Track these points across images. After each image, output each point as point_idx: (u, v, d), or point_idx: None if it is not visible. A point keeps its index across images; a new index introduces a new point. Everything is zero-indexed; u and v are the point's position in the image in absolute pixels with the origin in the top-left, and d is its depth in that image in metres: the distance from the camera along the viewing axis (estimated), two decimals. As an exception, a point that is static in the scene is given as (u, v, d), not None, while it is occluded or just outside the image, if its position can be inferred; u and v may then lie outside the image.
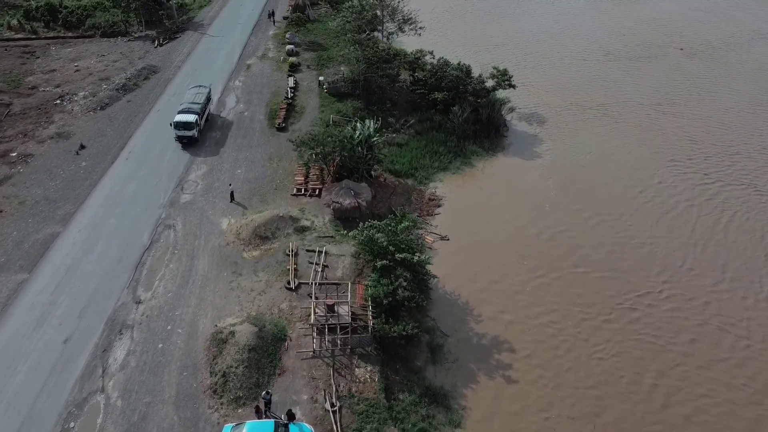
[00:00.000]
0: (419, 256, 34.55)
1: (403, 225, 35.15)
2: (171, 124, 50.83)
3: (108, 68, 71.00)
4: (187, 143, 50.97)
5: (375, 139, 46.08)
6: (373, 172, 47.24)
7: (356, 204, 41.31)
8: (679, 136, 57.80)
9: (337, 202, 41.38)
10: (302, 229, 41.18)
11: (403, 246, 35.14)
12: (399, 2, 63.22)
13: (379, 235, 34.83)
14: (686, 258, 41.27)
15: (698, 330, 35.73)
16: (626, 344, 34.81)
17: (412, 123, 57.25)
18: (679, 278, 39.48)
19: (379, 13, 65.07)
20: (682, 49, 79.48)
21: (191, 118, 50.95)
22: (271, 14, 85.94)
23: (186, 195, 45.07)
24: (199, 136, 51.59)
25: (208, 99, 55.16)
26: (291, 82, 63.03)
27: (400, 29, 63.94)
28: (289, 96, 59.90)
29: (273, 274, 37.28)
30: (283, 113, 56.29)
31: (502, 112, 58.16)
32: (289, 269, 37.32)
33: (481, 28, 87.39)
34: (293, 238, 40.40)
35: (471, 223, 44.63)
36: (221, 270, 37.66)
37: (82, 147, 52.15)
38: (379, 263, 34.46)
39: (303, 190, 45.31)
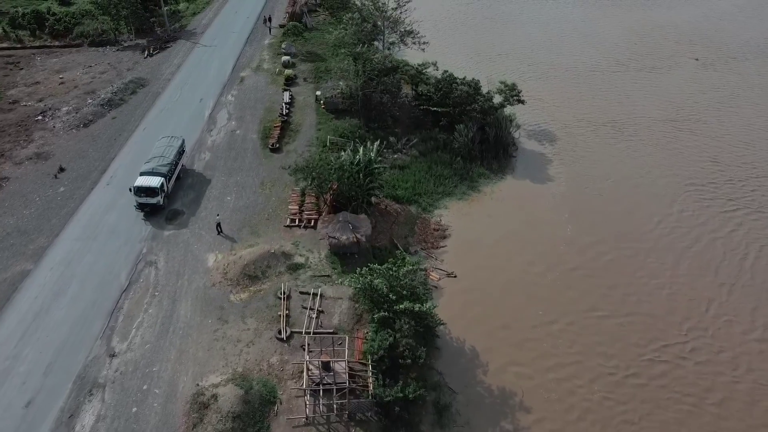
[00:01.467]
0: (422, 306, 30.98)
1: (405, 269, 31.65)
2: (131, 189, 41.68)
3: (94, 80, 67.53)
4: (150, 212, 42.03)
5: (376, 166, 42.58)
6: (373, 199, 43.74)
7: (355, 239, 37.82)
8: (698, 155, 54.30)
9: (334, 237, 37.90)
10: (296, 267, 37.68)
11: (406, 292, 31.65)
12: (401, 13, 59.53)
13: (378, 281, 31.29)
14: (712, 302, 37.63)
15: (731, 388, 32.19)
16: (653, 404, 31.27)
17: (414, 142, 53.75)
18: (706, 326, 35.85)
19: (380, 23, 61.64)
20: (697, 59, 75.92)
21: (156, 182, 41.78)
22: (267, 20, 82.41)
23: (170, 226, 41.57)
24: (166, 202, 42.77)
25: (181, 153, 46.34)
26: (286, 96, 59.51)
27: (403, 42, 60.37)
28: (284, 113, 56.38)
29: (262, 320, 33.79)
30: (277, 132, 52.78)
31: (511, 131, 54.51)
32: (280, 315, 33.84)
33: (483, 36, 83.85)
34: (286, 277, 36.91)
35: (478, 257, 41.15)
36: (205, 316, 34.17)
37: (61, 170, 48.71)
38: (376, 316, 30.96)
39: (297, 220, 41.81)
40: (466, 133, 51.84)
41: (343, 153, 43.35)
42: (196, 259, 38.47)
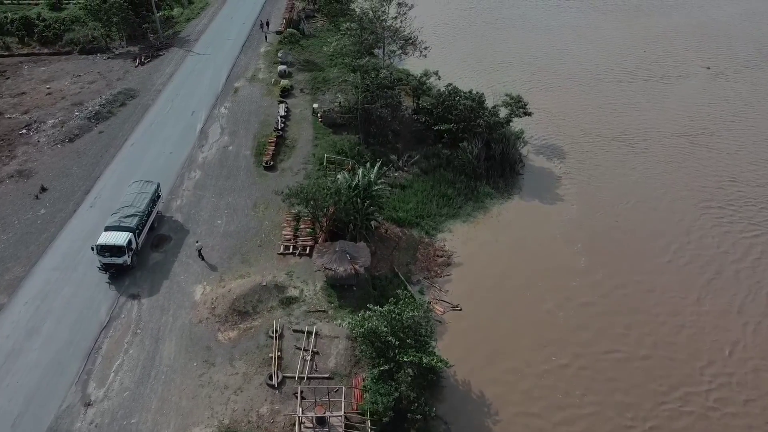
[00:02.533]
0: (431, 360, 28.21)
1: (409, 314, 28.90)
2: (93, 248, 35.74)
3: (83, 91, 64.87)
4: (116, 274, 36.06)
5: (377, 188, 39.90)
6: (373, 223, 41.03)
7: (353, 271, 35.13)
8: (716, 173, 51.61)
9: (331, 269, 35.19)
10: (289, 301, 34.97)
11: (410, 340, 28.89)
12: (401, 22, 56.82)
13: (378, 324, 28.53)
14: (736, 344, 34.75)
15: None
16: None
17: (416, 159, 51.07)
18: (731, 372, 32.98)
19: (379, 28, 58.87)
20: (708, 68, 73.24)
21: (122, 238, 35.71)
22: (264, 24, 79.79)
23: (156, 254, 38.87)
24: (135, 261, 36.90)
25: (155, 200, 40.38)
26: (282, 109, 56.82)
27: (403, 51, 57.69)
28: (280, 127, 53.68)
29: (252, 363, 31.09)
30: (271, 149, 50.07)
31: (518, 147, 51.80)
32: (271, 357, 31.15)
33: (484, 43, 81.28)
34: (278, 312, 34.21)
35: (485, 288, 38.47)
36: (191, 358, 31.46)
37: (43, 189, 46.06)
38: (377, 370, 28.24)
39: (292, 247, 39.09)
40: (470, 149, 49.19)
41: (339, 176, 40.63)
42: (182, 292, 35.76)
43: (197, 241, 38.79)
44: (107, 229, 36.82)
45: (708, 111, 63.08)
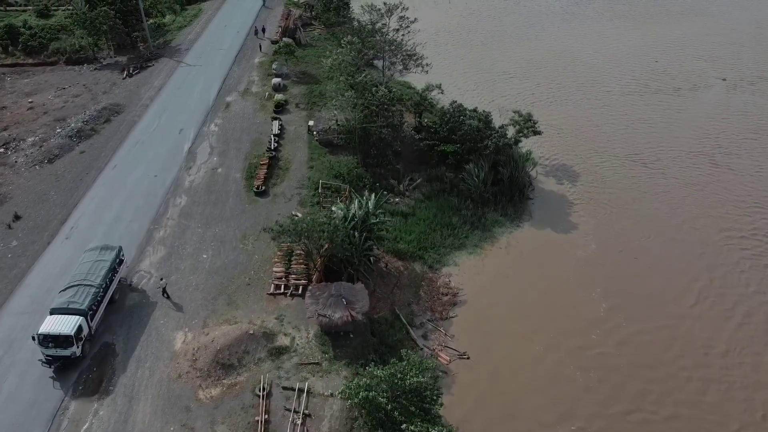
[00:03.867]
0: (437, 431, 24.80)
1: (413, 380, 25.44)
2: (34, 338, 29.40)
3: (66, 105, 61.63)
4: (63, 367, 29.70)
5: (376, 221, 36.58)
6: (372, 257, 37.67)
7: (349, 318, 31.76)
8: (738, 197, 48.27)
9: (325, 316, 31.82)
10: (279, 352, 31.59)
11: (413, 407, 25.51)
12: (403, 35, 53.42)
13: (376, 394, 25.08)
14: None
15: None
16: None
17: (418, 183, 47.73)
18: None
19: (379, 42, 55.47)
20: (724, 79, 69.90)
21: (70, 326, 29.26)
22: (260, 31, 76.79)
23: (134, 294, 35.50)
24: (87, 350, 30.60)
25: (115, 270, 33.78)
26: (276, 127, 53.46)
27: (405, 67, 54.31)
28: (272, 147, 50.33)
29: (236, 428, 27.69)
30: (263, 172, 46.69)
31: (528, 169, 48.41)
32: (257, 421, 27.77)
33: (486, 54, 78.22)
34: (266, 365, 30.83)
35: (494, 333, 35.09)
36: (167, 421, 28.05)
37: (17, 218, 42.78)
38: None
39: (283, 287, 35.69)
40: (477, 173, 45.82)
41: (334, 208, 37.25)
42: (161, 340, 32.37)
43: (161, 279, 35.45)
44: (53, 312, 30.31)
45: (725, 126, 59.75)
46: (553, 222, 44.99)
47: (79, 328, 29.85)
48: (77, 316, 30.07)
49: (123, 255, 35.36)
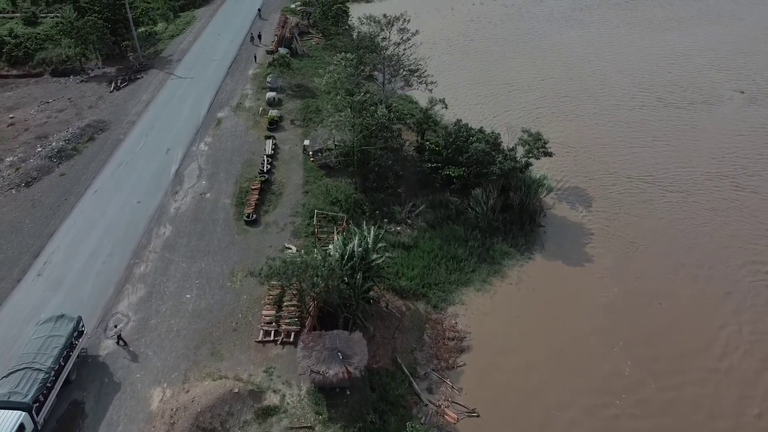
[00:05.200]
0: None
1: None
2: None
3: (49, 121, 58.39)
4: None
5: (378, 259, 33.26)
6: (372, 291, 34.32)
7: (346, 375, 28.44)
8: (764, 225, 44.80)
9: (318, 373, 28.49)
10: (267, 413, 28.31)
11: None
12: (404, 50, 50.05)
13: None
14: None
15: None
16: None
17: (421, 210, 44.39)
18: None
19: (378, 58, 52.09)
20: (743, 92, 66.53)
21: (7, 427, 24.45)
22: (255, 37, 73.97)
23: (108, 342, 32.21)
24: None
25: (72, 344, 29.20)
26: (269, 146, 50.22)
27: (407, 83, 50.94)
28: (265, 169, 47.05)
29: None
30: (255, 197, 43.43)
31: (540, 195, 45.04)
32: (241, 500, 24.52)
33: (490, 64, 74.56)
34: (253, 428, 27.56)
35: (506, 386, 31.73)
36: (138, 501, 24.83)
37: (-13, 250, 39.51)
38: None
39: (273, 333, 32.42)
40: (484, 199, 42.50)
41: (330, 246, 33.89)
42: (136, 398, 29.06)
43: (115, 326, 32.27)
44: None
45: (746, 144, 56.30)
46: (567, 254, 41.62)
47: (21, 428, 24.79)
48: (19, 412, 25.03)
49: (83, 326, 30.62)
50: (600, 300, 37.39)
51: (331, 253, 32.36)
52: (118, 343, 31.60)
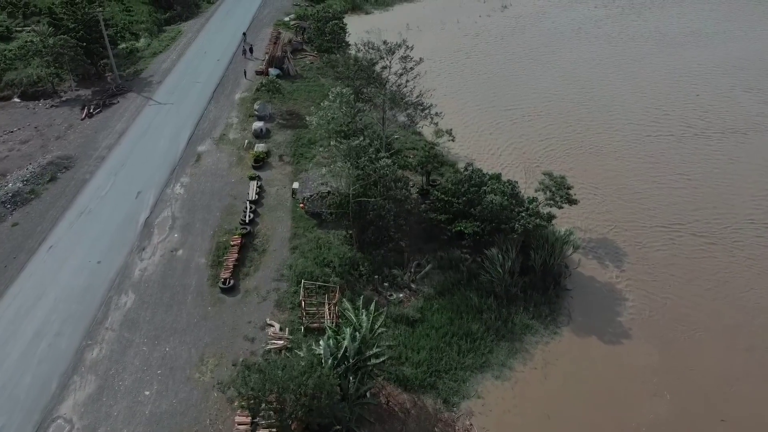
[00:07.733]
0: None
1: None
2: None
3: (11, 155, 52.27)
4: None
5: (376, 355, 27.12)
6: (369, 402, 28.08)
7: None
8: (827, 287, 38.70)
9: None
10: None
11: None
12: (407, 81, 43.78)
13: None
14: None
15: None
16: None
17: (428, 270, 38.22)
18: None
19: (377, 94, 45.88)
20: (781, 120, 60.41)
21: None
22: (248, 51, 68.45)
23: (43, 461, 26.06)
24: None
25: None
26: (253, 190, 44.08)
27: (411, 120, 44.79)
28: (248, 219, 40.91)
29: None
30: (233, 256, 37.27)
31: (565, 254, 38.88)
32: None
33: (497, 87, 68.41)
34: None
35: None
36: None
37: None
38: None
39: (247, 449, 26.27)
40: (502, 261, 36.29)
41: (321, 343, 27.60)
42: None
43: None
44: None
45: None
46: (599, 327, 35.42)
47: None
48: None
49: None
50: (647, 405, 30.91)
51: (322, 354, 26.13)
52: None
